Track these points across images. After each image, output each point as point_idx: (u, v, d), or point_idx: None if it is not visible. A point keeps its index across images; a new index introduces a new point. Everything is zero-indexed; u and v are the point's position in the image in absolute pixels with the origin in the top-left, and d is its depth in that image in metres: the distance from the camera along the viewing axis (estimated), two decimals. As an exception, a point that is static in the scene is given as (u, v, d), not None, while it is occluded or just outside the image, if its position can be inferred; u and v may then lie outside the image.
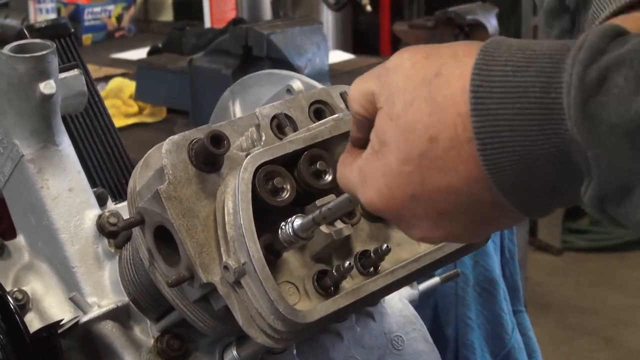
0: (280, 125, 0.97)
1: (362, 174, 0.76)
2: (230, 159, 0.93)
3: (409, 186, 0.72)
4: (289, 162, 0.92)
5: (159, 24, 4.43)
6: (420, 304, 1.33)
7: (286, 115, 0.98)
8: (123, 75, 3.03)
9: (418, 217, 0.74)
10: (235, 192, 0.87)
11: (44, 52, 1.08)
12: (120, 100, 2.71)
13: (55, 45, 1.11)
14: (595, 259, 4.48)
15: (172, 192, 0.89)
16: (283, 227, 0.88)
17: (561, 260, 4.49)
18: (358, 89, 0.78)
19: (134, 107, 2.71)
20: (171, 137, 0.92)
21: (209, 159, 0.91)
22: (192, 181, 0.91)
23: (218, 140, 0.90)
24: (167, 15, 4.59)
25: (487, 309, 1.70)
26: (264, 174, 0.89)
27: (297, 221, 0.87)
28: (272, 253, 0.90)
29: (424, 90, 0.70)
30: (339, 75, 2.86)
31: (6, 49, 1.09)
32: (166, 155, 0.90)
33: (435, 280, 1.39)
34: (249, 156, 0.90)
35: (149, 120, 2.68)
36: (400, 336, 1.22)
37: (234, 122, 1.01)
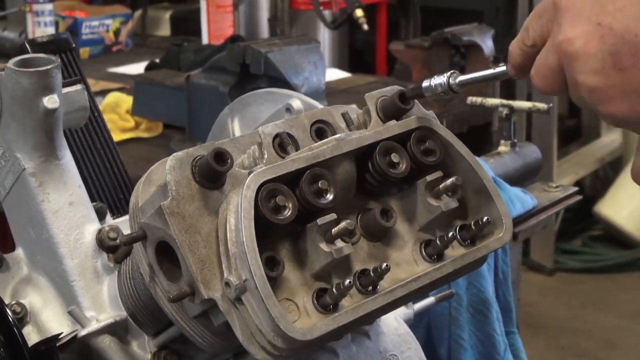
0: (283, 144, 0.98)
1: None
2: (232, 176, 0.94)
3: None
4: (291, 180, 0.93)
5: (156, 39, 4.43)
6: (413, 323, 1.33)
7: (288, 134, 0.99)
8: (120, 89, 3.03)
9: None
10: (238, 209, 0.88)
11: (49, 67, 1.09)
12: (117, 115, 2.71)
13: (59, 60, 1.12)
14: (587, 280, 4.49)
15: (175, 208, 0.90)
16: None
17: (553, 280, 4.49)
18: None
19: (130, 122, 2.71)
20: (175, 154, 0.93)
21: (212, 176, 0.92)
22: (195, 198, 0.91)
23: (221, 157, 0.91)
24: (165, 31, 4.60)
25: (480, 329, 1.70)
26: (267, 192, 0.90)
27: None
28: None
29: None
30: (335, 93, 2.87)
31: (11, 63, 1.10)
32: (170, 171, 0.91)
33: (430, 300, 1.39)
34: (252, 174, 0.91)
35: (145, 135, 2.68)
36: (396, 355, 1.23)
37: (236, 140, 1.02)
